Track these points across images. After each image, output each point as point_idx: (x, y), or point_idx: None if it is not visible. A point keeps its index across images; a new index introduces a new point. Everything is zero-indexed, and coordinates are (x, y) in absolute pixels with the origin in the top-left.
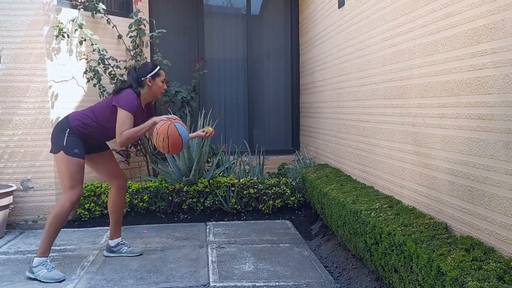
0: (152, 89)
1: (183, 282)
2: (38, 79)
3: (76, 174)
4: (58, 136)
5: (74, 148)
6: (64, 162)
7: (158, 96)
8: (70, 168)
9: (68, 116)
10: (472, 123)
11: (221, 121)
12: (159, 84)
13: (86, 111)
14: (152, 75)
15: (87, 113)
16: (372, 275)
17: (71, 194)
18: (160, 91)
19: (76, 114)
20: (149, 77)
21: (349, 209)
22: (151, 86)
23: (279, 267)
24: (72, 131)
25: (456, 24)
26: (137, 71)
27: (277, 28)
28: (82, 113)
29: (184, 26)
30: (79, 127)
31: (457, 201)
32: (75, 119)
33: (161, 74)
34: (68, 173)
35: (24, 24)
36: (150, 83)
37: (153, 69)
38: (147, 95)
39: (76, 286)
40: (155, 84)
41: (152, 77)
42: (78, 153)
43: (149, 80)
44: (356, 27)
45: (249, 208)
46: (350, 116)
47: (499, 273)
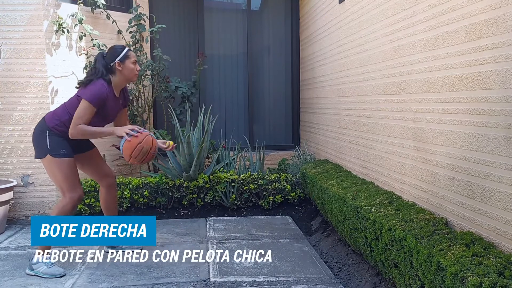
0: (123, 73)
1: (183, 277)
2: (38, 74)
3: (71, 174)
4: (40, 140)
5: (60, 149)
6: (54, 166)
7: (132, 79)
8: (63, 170)
9: (44, 117)
10: (473, 118)
11: (221, 117)
12: (130, 66)
13: (61, 108)
14: (120, 58)
15: (62, 111)
16: (372, 271)
17: (72, 196)
18: (133, 74)
19: (51, 114)
20: (118, 61)
21: (349, 205)
22: (122, 70)
23: (279, 263)
24: (52, 132)
25: (457, 19)
26: (105, 57)
27: (277, 23)
28: (58, 112)
29: (184, 21)
30: (57, 126)
31: (457, 196)
32: (52, 119)
33: (130, 55)
34: (62, 175)
35: (24, 19)
36: (120, 67)
37: (120, 52)
38: (120, 81)
39: (76, 281)
40: (125, 67)
41: (121, 61)
42: (66, 152)
43: (118, 64)
44: (357, 23)
45: (249, 203)
46: (350, 111)
47: (499, 268)
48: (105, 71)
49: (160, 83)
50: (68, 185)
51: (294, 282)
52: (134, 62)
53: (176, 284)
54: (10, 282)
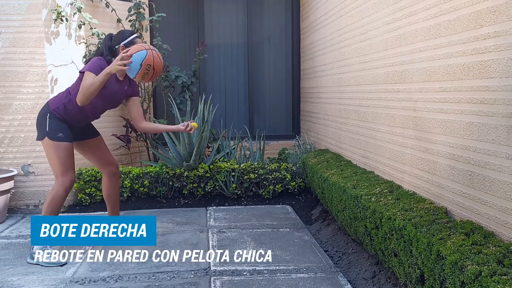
0: None
1: (184, 266)
2: (37, 63)
3: (66, 158)
4: (41, 122)
5: (58, 132)
6: (51, 148)
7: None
8: (58, 154)
9: (48, 101)
10: (474, 107)
11: (221, 106)
12: None
13: (64, 92)
14: (126, 43)
15: (64, 93)
16: (372, 259)
17: (64, 179)
18: None
19: (55, 98)
20: (122, 45)
21: (349, 194)
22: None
23: (279, 252)
24: (53, 115)
25: (459, 7)
26: (112, 40)
27: (277, 12)
28: (61, 95)
29: (184, 10)
30: (58, 110)
31: (457, 185)
32: (54, 102)
33: (136, 42)
34: (57, 158)
35: (23, 7)
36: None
37: (127, 36)
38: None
39: (78, 269)
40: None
41: (126, 45)
42: (63, 136)
43: (122, 48)
44: (358, 11)
45: (249, 193)
46: (351, 101)
47: (499, 257)
48: (107, 51)
49: None
50: (61, 169)
51: (294, 271)
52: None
53: (177, 272)
54: (11, 270)
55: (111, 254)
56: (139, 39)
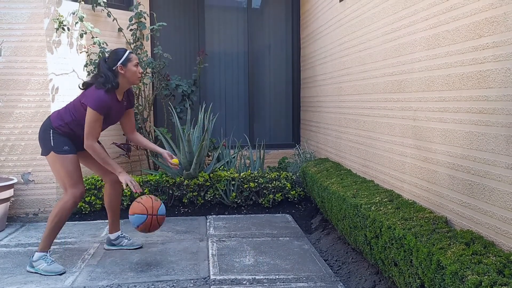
0: (126, 76)
1: (183, 275)
2: (39, 72)
3: (73, 171)
4: (44, 138)
5: (63, 146)
6: (58, 162)
7: (135, 82)
8: (66, 167)
9: (50, 116)
10: (473, 117)
11: (221, 115)
12: (132, 69)
13: (65, 110)
14: (122, 62)
15: (65, 112)
16: (372, 269)
17: (74, 191)
18: (136, 77)
19: (56, 114)
20: (120, 65)
21: (349, 203)
22: (125, 74)
23: (279, 261)
24: (55, 131)
25: (458, 18)
26: (107, 61)
27: (278, 21)
28: (62, 112)
29: (185, 19)
30: (61, 127)
31: (457, 195)
32: (56, 119)
33: (132, 58)
34: (65, 172)
35: (25, 16)
36: (122, 71)
37: (122, 55)
38: (123, 84)
39: (76, 278)
40: (128, 70)
41: (123, 64)
42: (69, 149)
43: (120, 68)
44: (357, 21)
45: (249, 202)
46: (351, 110)
47: (499, 267)
48: (111, 74)
49: (160, 81)
50: (70, 181)
51: (294, 280)
52: (136, 64)
53: (176, 281)
54: (10, 279)
55: (110, 263)
56: (133, 55)
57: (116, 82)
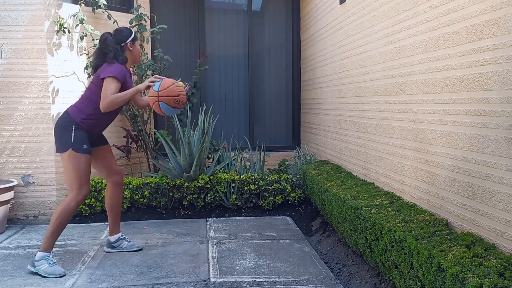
0: (133, 53)
1: (183, 277)
2: (39, 74)
3: (84, 172)
4: (64, 134)
5: (82, 144)
6: (73, 160)
7: (138, 60)
8: (79, 166)
9: (68, 111)
10: (474, 119)
11: (222, 117)
12: (138, 48)
13: (82, 102)
14: (132, 38)
15: (84, 103)
16: (372, 271)
17: (79, 193)
18: (139, 55)
19: (75, 109)
20: (130, 42)
21: (349, 206)
22: (132, 51)
23: (279, 263)
24: (78, 126)
25: (458, 20)
26: (115, 38)
27: (278, 24)
28: (80, 106)
29: (185, 21)
30: (84, 121)
31: (458, 197)
32: (77, 113)
33: (138, 37)
34: (77, 171)
35: (25, 19)
36: (131, 48)
37: (131, 32)
38: (129, 61)
39: (76, 281)
40: (135, 48)
41: (132, 41)
42: (87, 148)
43: (130, 44)
44: (358, 23)
45: (249, 204)
46: (351, 112)
47: (500, 270)
48: (120, 49)
49: None
50: (78, 182)
51: (294, 283)
52: (141, 44)
53: (176, 284)
54: (10, 281)
55: (110, 265)
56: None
57: (124, 57)
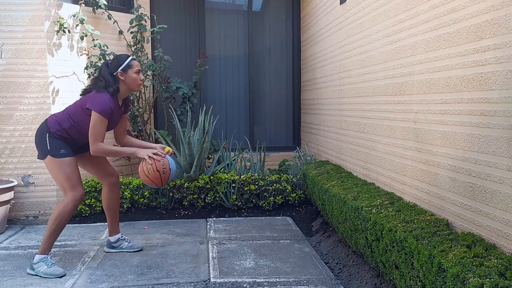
0: (126, 82)
1: (183, 277)
2: (39, 74)
3: (71, 173)
4: (40, 142)
5: (60, 149)
6: (55, 166)
7: (135, 89)
8: (63, 170)
9: (47, 120)
10: (474, 119)
11: (222, 118)
12: (132, 76)
13: (63, 114)
14: (123, 68)
15: (64, 117)
16: (372, 272)
17: (74, 194)
18: (136, 84)
19: (54, 118)
20: (120, 71)
21: (350, 206)
22: (125, 80)
23: (279, 264)
24: (51, 136)
25: (458, 20)
26: (109, 66)
27: (278, 24)
28: (60, 117)
29: (185, 22)
30: (58, 132)
31: (458, 197)
32: (54, 123)
33: (133, 65)
34: (63, 175)
35: (25, 19)
36: (122, 77)
37: (123, 61)
38: (123, 90)
39: (77, 281)
40: (128, 77)
41: (124, 70)
42: (65, 152)
43: (121, 74)
44: (358, 24)
45: (249, 204)
46: (351, 112)
47: (501, 270)
48: (112, 80)
49: (161, 83)
50: (69, 184)
51: (295, 283)
52: (138, 71)
53: (177, 284)
54: (10, 282)
55: (110, 265)
56: (135, 62)
57: (117, 87)
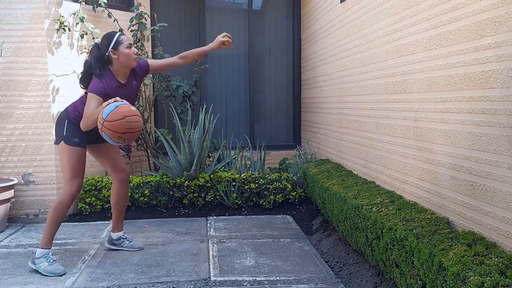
0: (120, 60)
1: (184, 276)
2: (39, 73)
3: (76, 164)
4: (59, 126)
5: (73, 137)
6: (65, 152)
7: (131, 64)
8: (70, 158)
9: (67, 108)
10: (475, 117)
11: (222, 116)
12: (125, 52)
13: (79, 101)
14: (113, 45)
15: (79, 103)
16: (373, 270)
17: (71, 185)
18: (131, 58)
19: (73, 105)
20: (111, 50)
21: (350, 204)
22: (118, 58)
23: (280, 262)
24: (70, 121)
25: (459, 18)
26: (100, 49)
27: (278, 23)
28: (77, 104)
29: (186, 20)
30: (77, 117)
31: (459, 196)
32: (73, 110)
33: (122, 40)
34: (68, 163)
35: (25, 17)
36: (115, 55)
37: (111, 39)
38: (120, 68)
39: (77, 279)
40: (120, 54)
41: (114, 48)
42: (78, 142)
43: (112, 52)
44: (358, 22)
45: (250, 203)
46: (351, 111)
47: (501, 268)
48: (99, 64)
49: (161, 82)
50: (70, 174)
51: (295, 282)
52: (129, 46)
53: (177, 283)
54: (10, 280)
55: (111, 264)
56: (124, 36)
57: (102, 70)
